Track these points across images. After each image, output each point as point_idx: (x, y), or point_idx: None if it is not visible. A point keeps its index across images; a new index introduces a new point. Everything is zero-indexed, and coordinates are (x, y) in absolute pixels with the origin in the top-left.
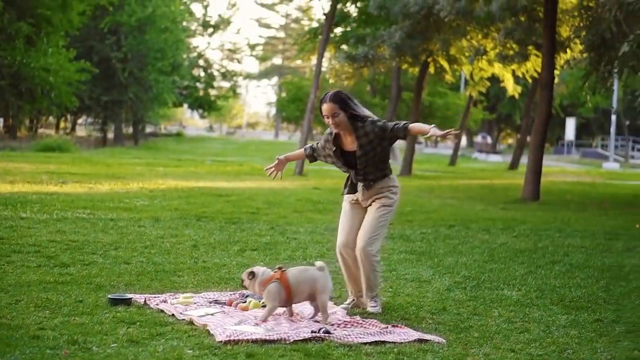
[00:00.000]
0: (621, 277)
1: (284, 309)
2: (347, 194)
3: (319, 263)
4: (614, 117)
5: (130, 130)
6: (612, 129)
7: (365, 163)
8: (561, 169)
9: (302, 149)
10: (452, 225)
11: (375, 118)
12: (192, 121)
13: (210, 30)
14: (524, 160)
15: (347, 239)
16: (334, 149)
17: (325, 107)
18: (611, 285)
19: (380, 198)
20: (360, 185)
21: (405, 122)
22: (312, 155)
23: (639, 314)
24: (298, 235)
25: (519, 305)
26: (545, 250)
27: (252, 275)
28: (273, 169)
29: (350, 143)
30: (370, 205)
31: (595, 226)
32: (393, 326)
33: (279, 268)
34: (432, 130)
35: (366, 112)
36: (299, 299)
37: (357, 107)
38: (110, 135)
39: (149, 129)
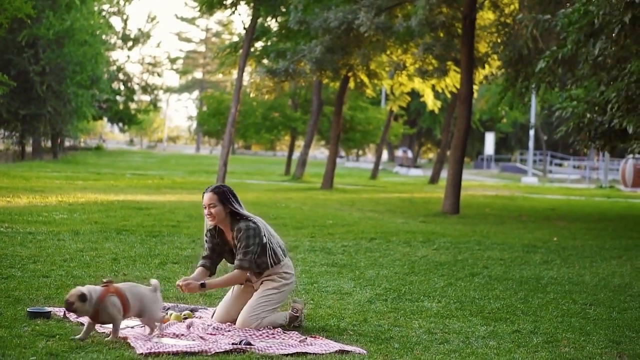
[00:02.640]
0: (539, 289)
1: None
2: None
3: (153, 281)
4: (532, 132)
5: (49, 143)
6: (531, 144)
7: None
8: (481, 183)
9: (200, 268)
10: (373, 238)
11: (252, 225)
12: (112, 135)
13: (130, 43)
14: (444, 174)
15: (222, 314)
16: (217, 240)
17: (205, 197)
18: (529, 296)
19: (267, 281)
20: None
21: (243, 261)
22: (212, 259)
23: (556, 324)
24: None
25: (439, 317)
26: (464, 263)
27: (85, 298)
28: (190, 283)
29: (231, 240)
30: (258, 287)
31: (514, 239)
32: (312, 337)
33: (107, 282)
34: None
35: (247, 213)
36: (130, 314)
37: (239, 205)
38: (29, 148)
39: (68, 143)
